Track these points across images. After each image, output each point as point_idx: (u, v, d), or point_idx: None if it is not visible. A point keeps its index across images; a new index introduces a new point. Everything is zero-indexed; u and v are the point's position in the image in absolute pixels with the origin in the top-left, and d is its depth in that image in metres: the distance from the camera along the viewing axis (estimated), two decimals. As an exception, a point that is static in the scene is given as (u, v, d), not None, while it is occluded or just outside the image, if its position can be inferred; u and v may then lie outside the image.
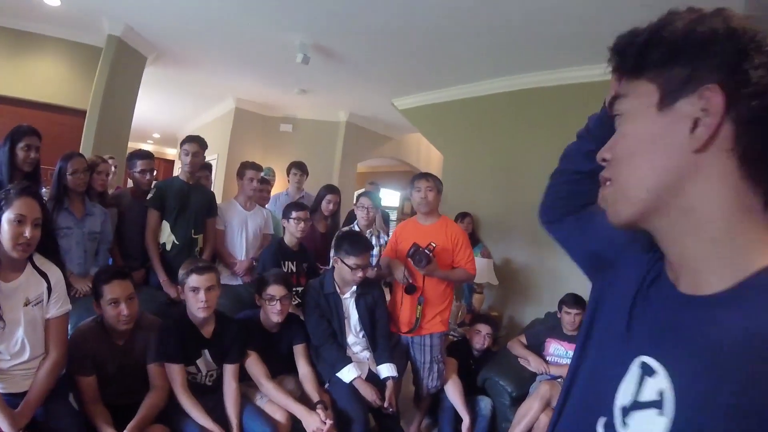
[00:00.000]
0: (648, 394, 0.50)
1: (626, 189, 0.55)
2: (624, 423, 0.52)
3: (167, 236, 3.09)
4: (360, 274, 2.60)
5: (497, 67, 4.52)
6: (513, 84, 4.69)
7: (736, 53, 0.48)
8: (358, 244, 2.65)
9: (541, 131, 4.49)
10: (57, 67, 4.67)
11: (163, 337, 2.14)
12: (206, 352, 2.27)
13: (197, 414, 2.05)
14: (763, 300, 0.45)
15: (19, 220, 1.70)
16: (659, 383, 0.49)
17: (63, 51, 4.66)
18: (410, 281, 2.76)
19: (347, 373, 2.51)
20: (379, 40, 4.20)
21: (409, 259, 2.65)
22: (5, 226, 1.70)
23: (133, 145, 5.31)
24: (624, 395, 0.54)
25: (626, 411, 0.53)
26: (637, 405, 0.51)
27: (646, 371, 0.52)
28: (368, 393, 2.47)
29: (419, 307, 2.78)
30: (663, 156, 0.52)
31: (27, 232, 1.71)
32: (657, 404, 0.48)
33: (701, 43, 0.50)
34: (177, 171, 8.04)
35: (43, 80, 4.58)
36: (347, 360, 2.56)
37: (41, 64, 4.61)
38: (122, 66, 4.60)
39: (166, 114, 8.29)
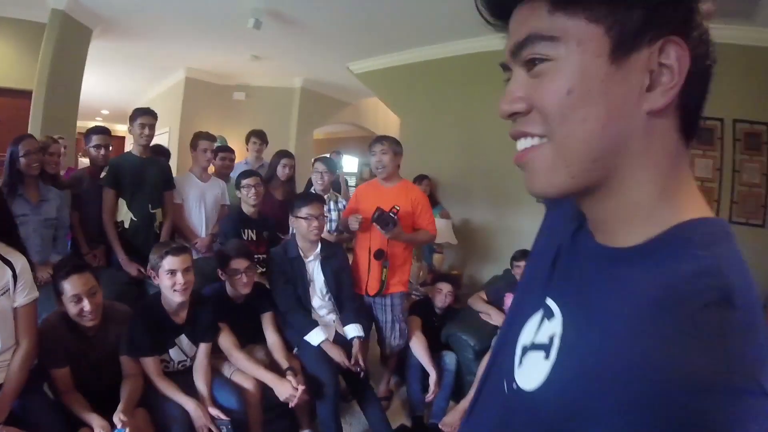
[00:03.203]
0: (542, 336, 0.49)
1: (570, 152, 0.44)
2: (521, 362, 0.51)
3: (125, 214, 3.03)
4: (315, 224, 2.60)
5: (455, 29, 4.49)
6: (471, 47, 4.70)
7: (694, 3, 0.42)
8: (307, 196, 2.73)
9: (498, 93, 4.52)
10: None
11: (134, 330, 2.09)
12: (183, 338, 2.24)
13: (176, 395, 2.05)
14: (667, 255, 0.42)
15: None
16: (553, 327, 0.47)
17: (4, 29, 4.38)
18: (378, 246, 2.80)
19: (315, 337, 2.55)
20: (332, 2, 4.09)
21: (374, 223, 2.68)
22: None
23: (81, 124, 5.08)
24: (526, 335, 0.52)
25: (525, 350, 0.51)
26: (532, 346, 0.50)
27: (547, 314, 0.50)
28: (336, 354, 2.52)
29: (385, 270, 2.83)
30: (615, 116, 0.42)
31: None
32: (546, 348, 0.47)
33: None
34: (128, 147, 7.80)
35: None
36: (314, 324, 2.60)
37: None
38: (67, 41, 4.39)
39: (115, 89, 8.00)
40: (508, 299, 3.33)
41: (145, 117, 3.06)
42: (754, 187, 3.63)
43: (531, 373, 0.48)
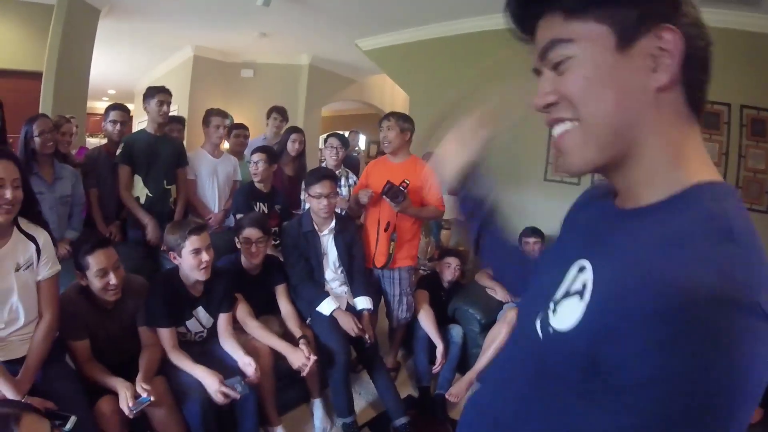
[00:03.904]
0: (577, 285, 0.55)
1: (595, 131, 0.54)
2: (554, 311, 0.57)
3: (140, 190, 3.11)
4: (325, 202, 2.65)
5: (463, 6, 4.47)
6: (479, 25, 4.67)
7: None
8: (316, 172, 2.74)
9: (505, 72, 4.51)
10: (8, 30, 4.41)
11: (151, 302, 2.15)
12: (200, 310, 2.31)
13: (189, 366, 2.09)
14: (679, 207, 0.50)
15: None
16: (586, 277, 0.54)
17: (13, 12, 4.40)
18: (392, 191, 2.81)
19: (326, 306, 2.62)
20: (342, -23, 4.08)
21: (384, 196, 2.73)
22: None
23: (89, 104, 5.12)
24: (561, 290, 0.58)
25: (557, 302, 0.57)
26: (566, 294, 0.56)
27: (580, 270, 0.56)
28: (347, 322, 2.59)
29: (392, 243, 2.89)
30: (628, 97, 0.52)
31: (8, 194, 1.64)
32: (580, 292, 0.53)
33: None
34: (136, 126, 7.82)
35: (-6, 45, 4.32)
36: (325, 294, 2.67)
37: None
38: (76, 22, 4.40)
39: (121, 69, 7.96)
40: (514, 275, 3.39)
41: (162, 95, 3.11)
42: (759, 173, 3.64)
43: (567, 315, 0.54)
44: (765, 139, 3.63)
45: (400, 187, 2.69)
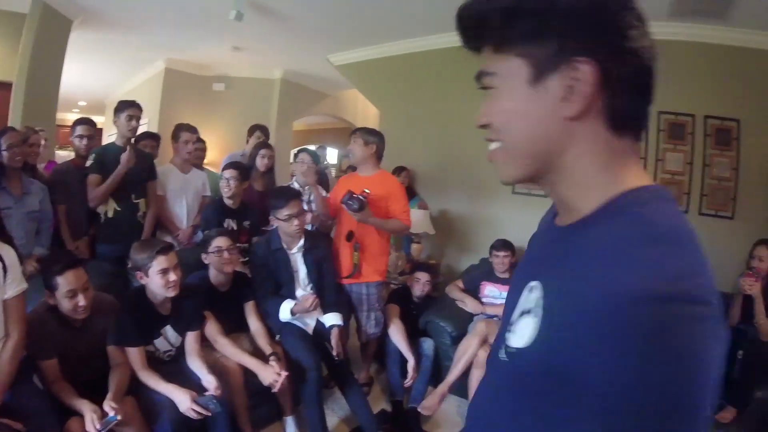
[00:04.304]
0: (528, 305, 0.58)
1: (513, 153, 0.60)
2: (512, 332, 0.60)
3: (109, 203, 3.05)
4: (296, 223, 2.65)
5: (434, 23, 4.53)
6: (449, 41, 4.74)
7: (607, 24, 0.52)
8: (282, 195, 2.71)
9: (473, 87, 4.61)
10: None
11: (120, 321, 2.12)
12: (168, 329, 2.29)
13: (163, 387, 2.07)
14: (609, 216, 0.54)
15: None
16: (535, 295, 0.57)
17: None
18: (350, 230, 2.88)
19: (284, 308, 2.62)
20: (315, -6, 4.12)
21: (343, 204, 2.76)
22: None
23: (59, 116, 5.01)
24: (515, 314, 0.61)
25: (513, 323, 0.61)
26: (521, 314, 0.59)
27: (530, 290, 0.59)
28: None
29: (356, 253, 2.92)
30: (539, 126, 0.56)
31: None
32: (532, 310, 0.56)
33: (569, 16, 0.52)
34: (106, 139, 7.63)
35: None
36: (281, 300, 2.67)
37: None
38: (48, 32, 4.32)
39: (93, 81, 7.84)
40: (484, 287, 3.45)
41: (132, 109, 3.07)
42: (724, 180, 3.77)
43: (523, 333, 0.57)
44: (729, 148, 3.77)
45: (359, 196, 2.72)
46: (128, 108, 3.07)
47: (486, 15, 0.57)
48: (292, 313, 2.63)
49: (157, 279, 2.14)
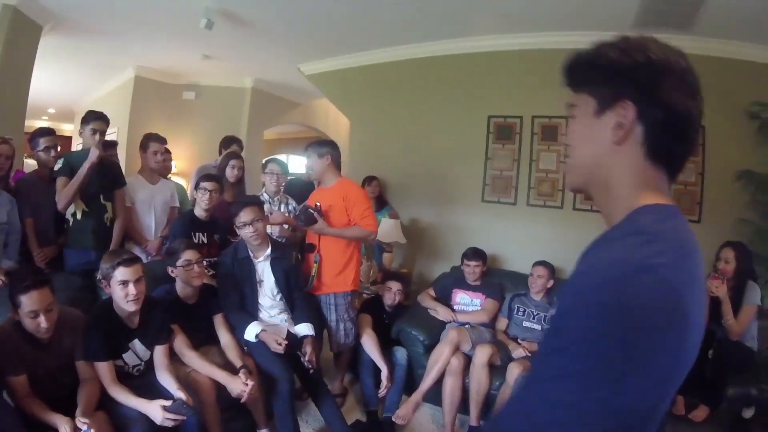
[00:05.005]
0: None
1: (574, 166, 0.81)
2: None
3: (77, 203, 2.98)
4: (251, 229, 2.66)
5: (403, 34, 4.61)
6: (418, 51, 4.82)
7: (648, 79, 0.70)
8: (239, 203, 2.78)
9: (445, 97, 4.72)
10: None
11: (88, 336, 2.09)
12: (136, 342, 2.25)
13: (133, 402, 2.04)
14: (620, 226, 0.70)
15: None
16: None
17: None
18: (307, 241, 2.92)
19: (251, 331, 2.60)
20: (285, 3, 4.11)
21: (295, 219, 2.79)
22: None
23: (27, 123, 4.85)
24: None
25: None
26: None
27: None
28: (272, 341, 2.57)
29: (315, 265, 2.93)
30: (595, 146, 0.76)
31: None
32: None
33: (623, 72, 0.72)
34: (74, 147, 7.40)
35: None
36: (249, 319, 2.65)
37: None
38: (17, 37, 4.19)
39: (62, 88, 7.66)
40: (456, 295, 3.49)
41: (97, 122, 3.03)
42: (690, 185, 3.91)
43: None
44: (695, 156, 3.90)
45: (310, 209, 2.76)
46: (94, 121, 3.03)
47: (574, 66, 0.80)
48: (256, 337, 2.61)
49: (117, 290, 2.12)
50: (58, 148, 3.22)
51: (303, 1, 4.05)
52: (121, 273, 2.11)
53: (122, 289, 2.11)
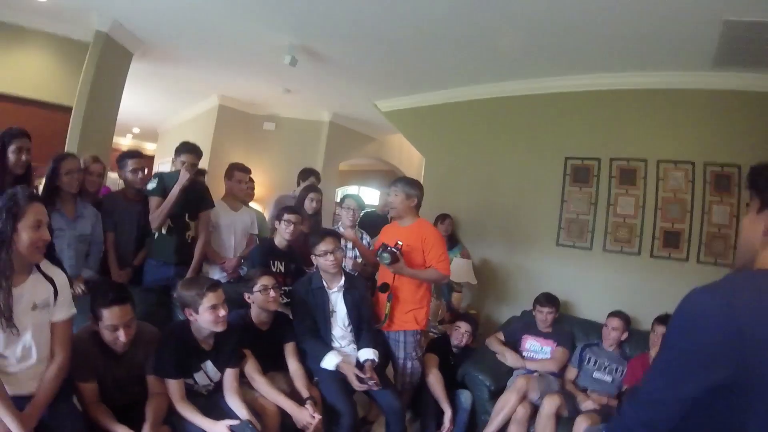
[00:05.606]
0: None
1: (740, 249, 1.09)
2: None
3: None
4: (331, 258, 2.73)
5: (476, 74, 4.68)
6: (494, 91, 4.84)
7: None
8: (319, 232, 2.88)
9: (517, 137, 4.69)
10: (42, 62, 4.61)
11: (161, 352, 2.17)
12: (208, 363, 2.33)
13: (199, 420, 2.10)
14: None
15: (38, 226, 1.71)
16: None
17: (49, 46, 4.59)
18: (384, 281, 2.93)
19: (330, 360, 2.62)
20: (365, 43, 4.29)
21: (377, 257, 2.81)
22: (24, 233, 1.68)
23: (114, 140, 5.28)
24: None
25: None
26: None
27: None
28: (351, 374, 2.59)
29: (388, 303, 2.93)
30: (753, 235, 1.00)
31: (47, 235, 1.72)
32: None
33: None
34: (156, 167, 7.89)
35: (28, 75, 4.52)
36: (328, 349, 2.68)
37: (26, 58, 4.54)
38: (109, 62, 4.58)
39: (148, 109, 8.22)
40: (525, 341, 3.37)
41: (189, 155, 3.19)
42: (723, 227, 3.68)
43: None
44: (729, 194, 3.67)
45: (393, 249, 2.77)
46: (186, 153, 3.20)
47: (751, 178, 1.05)
48: (336, 367, 2.63)
49: (207, 315, 2.19)
50: (146, 171, 3.40)
51: (381, 42, 4.21)
52: (209, 299, 2.20)
53: (212, 312, 2.19)
